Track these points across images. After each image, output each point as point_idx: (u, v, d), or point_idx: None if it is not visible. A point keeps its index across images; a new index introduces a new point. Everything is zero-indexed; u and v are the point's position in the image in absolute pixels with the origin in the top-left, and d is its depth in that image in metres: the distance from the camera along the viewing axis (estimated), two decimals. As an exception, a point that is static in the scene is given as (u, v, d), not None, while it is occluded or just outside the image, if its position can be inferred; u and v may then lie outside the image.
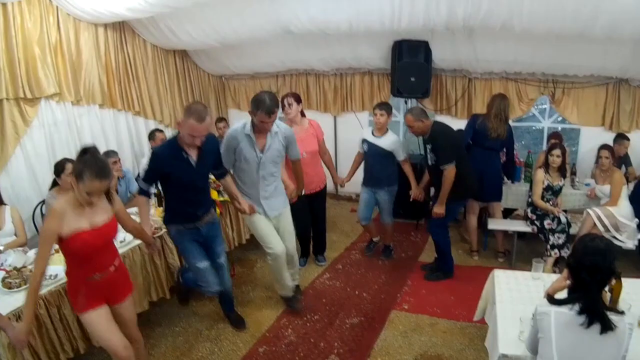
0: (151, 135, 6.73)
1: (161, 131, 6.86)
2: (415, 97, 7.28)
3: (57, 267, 3.69)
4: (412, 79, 6.84)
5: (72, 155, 5.54)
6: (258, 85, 8.82)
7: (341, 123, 8.42)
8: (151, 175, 3.97)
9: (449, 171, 5.03)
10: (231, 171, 4.57)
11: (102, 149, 5.85)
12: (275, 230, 4.69)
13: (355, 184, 6.25)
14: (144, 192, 4.03)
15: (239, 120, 4.52)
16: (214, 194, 5.11)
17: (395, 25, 5.87)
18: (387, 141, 5.64)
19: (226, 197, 5.37)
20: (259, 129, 4.27)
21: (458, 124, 6.44)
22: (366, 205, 5.98)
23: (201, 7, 5.97)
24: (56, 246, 3.81)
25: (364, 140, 5.79)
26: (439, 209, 5.24)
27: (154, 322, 4.78)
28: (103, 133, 6.67)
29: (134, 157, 7.29)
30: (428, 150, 5.24)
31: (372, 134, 5.74)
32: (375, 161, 5.73)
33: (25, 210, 5.33)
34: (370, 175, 5.84)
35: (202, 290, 4.42)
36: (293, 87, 8.54)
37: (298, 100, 5.48)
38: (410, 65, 6.79)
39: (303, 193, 5.36)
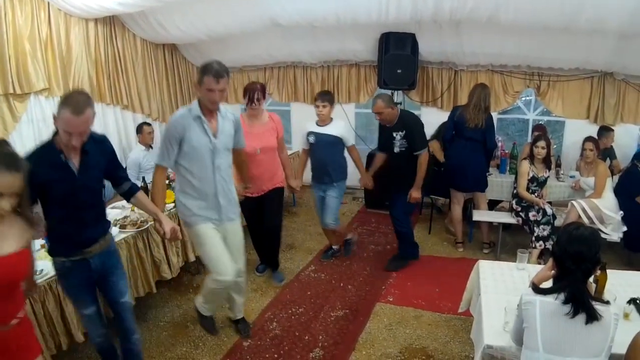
0: (139, 129, 6.70)
1: (149, 124, 6.84)
2: (401, 89, 7.32)
3: (44, 263, 3.58)
4: (399, 71, 6.88)
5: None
6: (246, 78, 8.86)
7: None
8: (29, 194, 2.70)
9: (425, 156, 5.22)
10: (169, 170, 3.92)
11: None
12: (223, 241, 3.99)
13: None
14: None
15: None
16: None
17: (383, 18, 5.89)
18: (335, 128, 5.42)
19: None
20: (207, 105, 3.64)
21: (444, 116, 6.45)
22: (320, 207, 5.70)
23: (191, 0, 5.96)
24: (42, 241, 3.79)
25: (310, 133, 5.46)
26: (417, 194, 5.35)
27: (138, 317, 4.68)
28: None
29: (122, 151, 7.23)
30: (398, 138, 5.25)
31: (317, 124, 5.47)
32: (325, 152, 5.43)
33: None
34: (320, 170, 5.52)
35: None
36: (281, 80, 8.62)
37: (265, 94, 5.01)
38: (397, 58, 6.84)
39: (249, 187, 4.81)
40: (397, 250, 5.88)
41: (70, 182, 2.92)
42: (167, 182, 4.23)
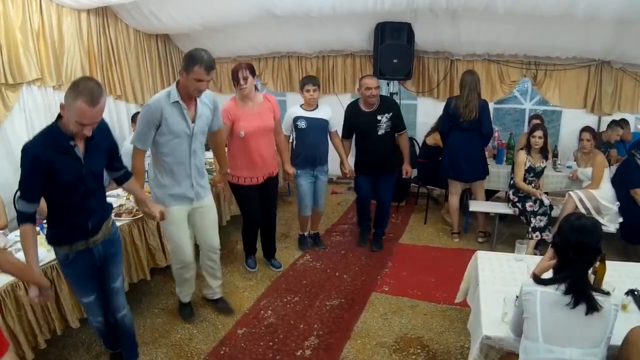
0: (133, 118, 6.68)
1: None
2: (397, 79, 7.29)
3: (40, 250, 3.31)
4: (395, 61, 6.84)
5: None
6: (240, 68, 8.76)
7: (323, 105, 8.37)
8: (32, 184, 2.75)
9: (407, 134, 5.74)
10: (146, 151, 3.84)
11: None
12: (197, 222, 4.18)
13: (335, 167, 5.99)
14: (27, 217, 2.81)
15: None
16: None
17: (379, 7, 5.86)
18: (324, 111, 5.50)
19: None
20: (189, 94, 3.67)
21: (440, 106, 6.40)
22: (311, 193, 5.66)
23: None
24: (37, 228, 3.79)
25: (300, 118, 5.40)
26: (410, 167, 5.80)
27: (132, 304, 4.69)
28: (83, 117, 6.60)
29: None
30: (384, 120, 5.40)
31: (303, 109, 5.46)
32: (316, 136, 5.45)
33: (6, 194, 5.22)
34: (311, 154, 5.47)
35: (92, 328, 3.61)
36: (276, 70, 8.58)
37: (253, 72, 4.70)
38: (393, 47, 6.80)
39: (227, 174, 4.80)
40: (377, 230, 6.05)
41: (76, 169, 2.87)
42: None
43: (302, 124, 5.38)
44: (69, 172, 2.82)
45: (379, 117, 5.38)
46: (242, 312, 4.62)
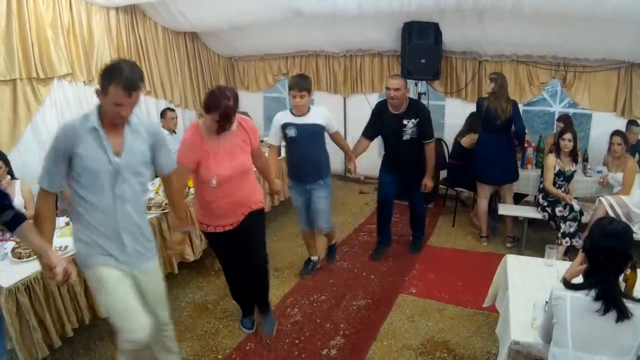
0: (162, 114, 6.94)
1: (172, 110, 7.10)
2: (425, 79, 7.24)
3: (67, 239, 3.72)
4: (423, 61, 6.80)
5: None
6: (267, 66, 8.93)
7: (351, 104, 8.41)
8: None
9: (433, 146, 5.32)
10: (64, 191, 3.03)
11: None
12: (139, 290, 3.02)
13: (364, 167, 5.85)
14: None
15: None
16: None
17: (405, 7, 5.85)
18: (317, 116, 4.70)
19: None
20: (111, 119, 2.72)
21: (468, 107, 6.39)
22: (306, 208, 5.01)
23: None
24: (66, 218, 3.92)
25: (288, 125, 4.67)
26: (431, 182, 5.43)
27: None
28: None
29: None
30: (410, 125, 5.12)
31: (293, 114, 4.69)
32: (309, 144, 4.69)
33: (35, 185, 5.35)
34: (304, 167, 4.78)
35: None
36: (302, 69, 8.59)
37: (237, 104, 3.47)
38: (421, 47, 6.76)
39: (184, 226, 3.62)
40: (414, 233, 5.98)
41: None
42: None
43: (291, 132, 4.67)
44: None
45: (404, 122, 5.12)
46: (268, 309, 4.65)
